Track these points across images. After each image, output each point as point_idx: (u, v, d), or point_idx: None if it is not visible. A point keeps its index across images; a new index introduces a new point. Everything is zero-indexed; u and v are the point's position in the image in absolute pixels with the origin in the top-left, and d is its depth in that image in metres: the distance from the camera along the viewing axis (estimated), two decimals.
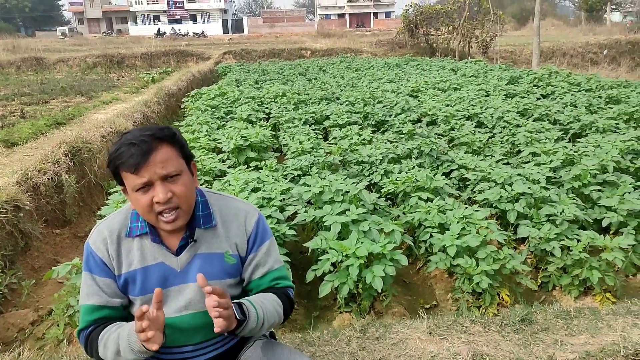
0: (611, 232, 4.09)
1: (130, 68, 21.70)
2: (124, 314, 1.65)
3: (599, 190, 4.43)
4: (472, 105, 8.91)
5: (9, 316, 3.58)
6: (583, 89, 10.64)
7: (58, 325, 3.25)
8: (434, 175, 4.74)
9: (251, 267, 1.71)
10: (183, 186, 1.54)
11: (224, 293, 1.44)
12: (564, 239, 3.66)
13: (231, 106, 9.81)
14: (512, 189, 4.29)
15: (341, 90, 11.72)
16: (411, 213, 4.14)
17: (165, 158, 1.51)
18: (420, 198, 4.30)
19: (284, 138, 7.11)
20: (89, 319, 1.60)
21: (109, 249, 1.59)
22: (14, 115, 9.18)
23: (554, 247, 3.61)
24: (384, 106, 9.12)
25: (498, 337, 2.72)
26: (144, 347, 1.41)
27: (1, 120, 8.41)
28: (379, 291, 3.16)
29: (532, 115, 8.06)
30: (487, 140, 6.66)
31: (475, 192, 4.69)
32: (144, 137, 1.49)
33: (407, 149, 5.81)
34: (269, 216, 3.71)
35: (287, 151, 6.49)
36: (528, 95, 10.13)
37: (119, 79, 16.79)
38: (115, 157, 1.51)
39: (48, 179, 5.21)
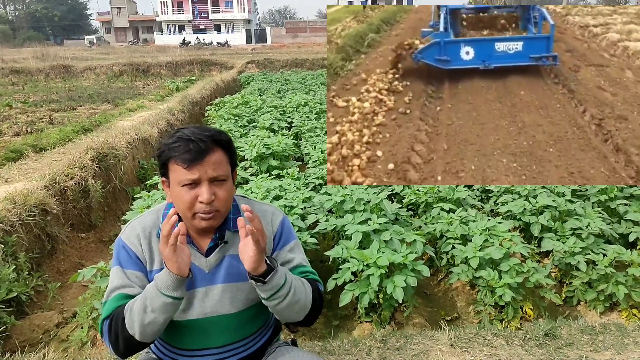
0: (638, 247, 4.01)
1: (156, 76, 22.02)
2: None
3: (626, 204, 4.35)
4: None
5: (34, 318, 3.64)
6: None
7: (82, 328, 3.30)
8: (456, 186, 4.70)
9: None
10: (226, 192, 1.57)
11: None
12: (589, 253, 3.60)
13: (254, 115, 9.91)
14: (536, 202, 4.23)
15: None
16: (433, 224, 4.11)
17: (218, 161, 1.54)
18: (442, 209, 4.27)
19: (305, 147, 7.15)
20: (116, 305, 1.56)
21: (142, 244, 1.62)
22: (43, 121, 9.41)
23: (579, 261, 3.55)
24: None
25: (521, 351, 2.69)
26: (170, 271, 1.42)
27: (30, 126, 8.63)
28: (400, 302, 3.14)
29: None
30: None
31: (498, 204, 4.64)
32: (202, 136, 1.53)
33: None
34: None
35: (308, 160, 6.52)
36: None
37: (144, 87, 17.06)
38: (170, 148, 1.53)
39: (75, 183, 5.32)
